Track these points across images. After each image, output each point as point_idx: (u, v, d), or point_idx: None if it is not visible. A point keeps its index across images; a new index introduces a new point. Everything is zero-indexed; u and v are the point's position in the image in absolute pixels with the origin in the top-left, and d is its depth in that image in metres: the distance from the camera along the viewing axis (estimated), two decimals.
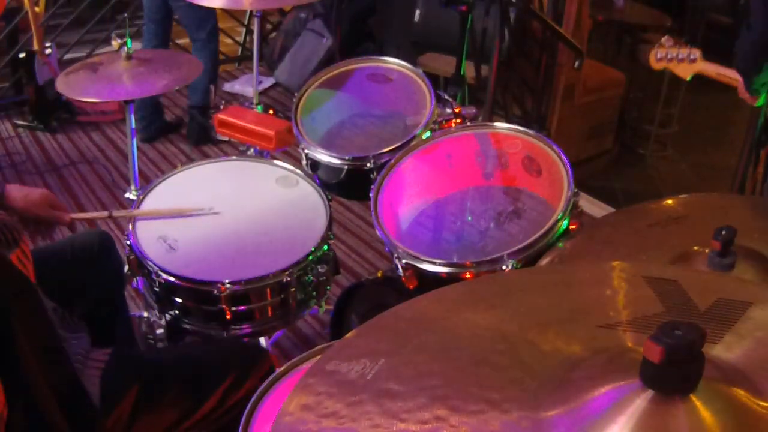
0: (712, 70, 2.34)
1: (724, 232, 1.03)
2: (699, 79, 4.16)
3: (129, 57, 2.13)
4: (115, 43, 4.00)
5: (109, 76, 2.11)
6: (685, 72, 2.39)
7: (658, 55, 2.41)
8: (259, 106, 2.56)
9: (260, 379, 1.28)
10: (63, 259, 1.71)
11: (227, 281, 1.61)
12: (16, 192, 1.55)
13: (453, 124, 1.91)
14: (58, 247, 1.82)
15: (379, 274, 1.92)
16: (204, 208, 1.82)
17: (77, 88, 2.10)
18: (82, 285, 1.70)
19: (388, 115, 2.04)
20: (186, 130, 4.08)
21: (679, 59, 2.37)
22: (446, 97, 2.03)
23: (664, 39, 2.39)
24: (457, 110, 1.96)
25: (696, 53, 2.35)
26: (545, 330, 0.74)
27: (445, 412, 0.65)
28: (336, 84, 2.13)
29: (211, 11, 3.77)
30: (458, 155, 1.77)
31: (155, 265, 1.66)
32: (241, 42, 5.24)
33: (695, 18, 4.98)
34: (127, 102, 2.12)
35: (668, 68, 2.43)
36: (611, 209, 3.29)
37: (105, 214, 1.85)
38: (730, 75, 2.24)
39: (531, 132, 1.70)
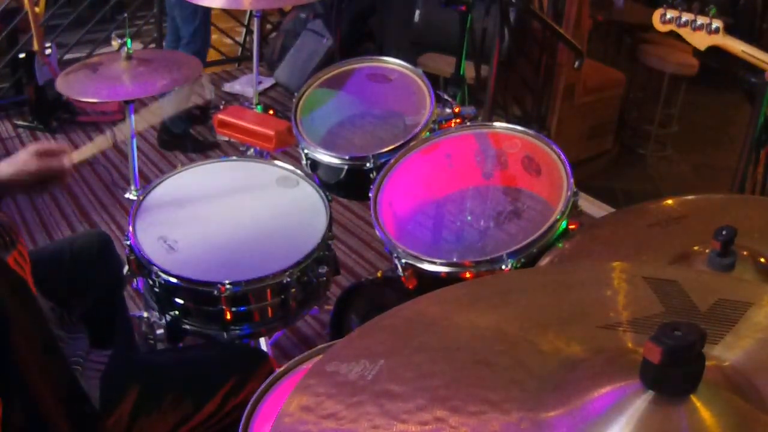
0: (737, 46, 2.02)
1: (724, 232, 1.02)
2: (699, 78, 4.19)
3: (129, 57, 2.14)
4: (115, 43, 4.00)
5: (109, 76, 2.11)
6: (701, 42, 2.07)
7: (667, 16, 2.07)
8: (259, 106, 2.56)
9: (260, 384, 1.28)
10: (62, 260, 1.71)
11: (227, 282, 1.61)
12: (3, 167, 1.50)
13: (452, 124, 1.91)
14: (57, 247, 1.82)
15: (379, 274, 1.92)
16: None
17: (77, 88, 2.10)
18: (81, 285, 1.70)
19: (388, 115, 2.04)
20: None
21: (695, 27, 2.04)
22: (446, 97, 2.03)
23: (677, 1, 2.06)
24: (456, 110, 1.96)
25: (718, 23, 2.02)
26: (545, 330, 0.74)
27: (444, 413, 0.65)
28: (336, 84, 2.12)
29: (197, 10, 3.65)
30: (458, 155, 1.77)
31: (155, 265, 1.66)
32: (241, 42, 5.24)
33: None
34: (127, 102, 2.12)
35: (678, 33, 2.10)
36: (611, 209, 3.29)
37: (108, 141, 1.73)
38: (758, 56, 1.99)
39: (531, 132, 1.70)
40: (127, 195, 2.24)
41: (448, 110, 1.96)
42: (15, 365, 1.10)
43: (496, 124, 1.77)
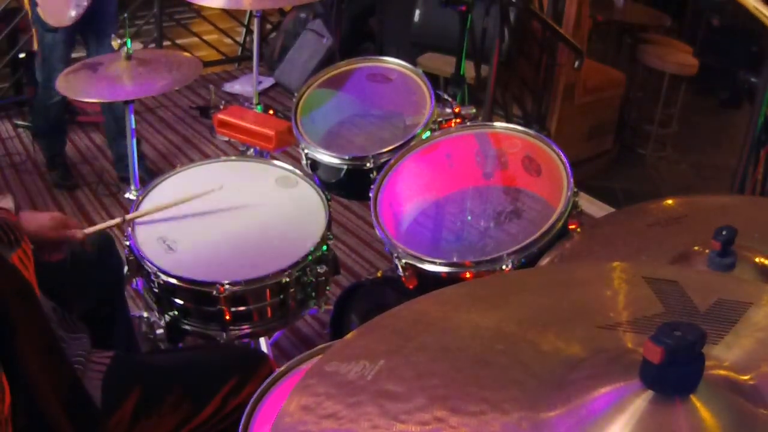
0: (752, 3, 1.93)
1: (724, 232, 1.02)
2: (699, 78, 4.18)
3: (129, 57, 2.13)
4: (115, 43, 3.99)
5: (109, 77, 2.11)
6: None
7: None
8: (259, 106, 2.56)
9: (260, 385, 1.28)
10: (63, 260, 1.70)
11: (226, 282, 1.61)
12: (28, 218, 1.54)
13: (453, 124, 1.91)
14: None
15: (379, 274, 1.92)
16: (209, 190, 1.80)
17: (77, 88, 2.10)
18: (82, 285, 1.70)
19: (388, 115, 2.04)
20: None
21: None
22: (446, 97, 2.03)
23: None
24: (456, 110, 1.96)
25: None
26: (545, 330, 0.74)
27: (444, 413, 0.65)
28: (336, 84, 2.12)
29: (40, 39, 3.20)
30: (458, 155, 1.77)
31: (154, 266, 1.66)
32: (241, 42, 5.24)
33: (695, 18, 4.98)
34: (126, 102, 2.12)
35: None
36: (611, 209, 3.29)
37: (117, 220, 1.79)
38: None
39: (531, 132, 1.70)
40: (127, 195, 2.24)
41: (448, 110, 1.96)
42: (18, 366, 1.10)
43: (496, 124, 1.77)
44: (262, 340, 2.08)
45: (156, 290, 1.69)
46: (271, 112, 2.51)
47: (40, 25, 3.10)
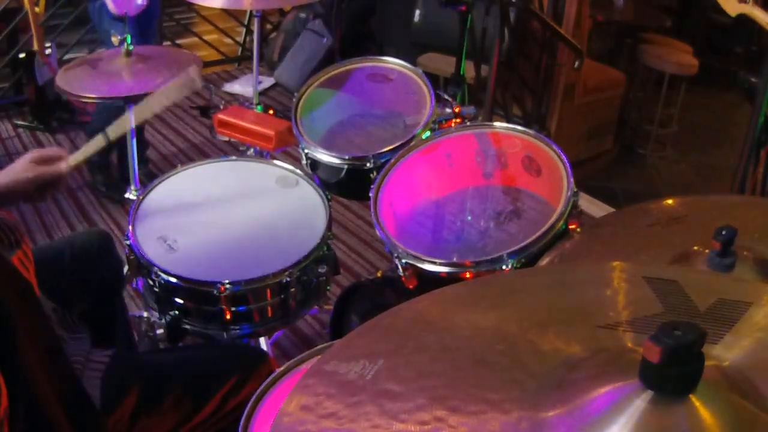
0: (764, 18, 2.03)
1: (724, 232, 1.02)
2: (699, 78, 4.19)
3: (129, 53, 2.13)
4: (115, 39, 3.98)
5: (109, 73, 2.11)
6: (733, 8, 2.08)
7: None
8: (259, 106, 2.56)
9: (261, 384, 1.28)
10: (62, 260, 1.71)
11: (227, 282, 1.61)
12: (1, 176, 1.50)
13: (453, 124, 1.91)
14: (58, 247, 1.81)
15: (378, 274, 1.92)
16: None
17: (77, 84, 2.09)
18: (82, 285, 1.70)
19: (388, 115, 2.04)
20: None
21: None
22: (446, 96, 2.03)
23: None
24: (456, 110, 1.96)
25: None
26: (545, 330, 0.74)
27: (444, 413, 0.65)
28: (336, 84, 2.12)
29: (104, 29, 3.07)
30: (458, 155, 1.77)
31: (155, 265, 1.66)
32: (241, 42, 5.24)
33: (696, 18, 4.98)
34: (126, 99, 2.12)
35: None
36: (611, 209, 3.30)
37: (101, 143, 1.70)
38: None
39: (531, 132, 1.70)
40: (127, 195, 2.24)
41: (448, 110, 1.96)
42: (20, 367, 1.10)
43: (496, 123, 1.77)
44: (262, 340, 2.08)
45: (156, 290, 1.69)
46: (271, 112, 2.51)
47: (107, 15, 3.02)
